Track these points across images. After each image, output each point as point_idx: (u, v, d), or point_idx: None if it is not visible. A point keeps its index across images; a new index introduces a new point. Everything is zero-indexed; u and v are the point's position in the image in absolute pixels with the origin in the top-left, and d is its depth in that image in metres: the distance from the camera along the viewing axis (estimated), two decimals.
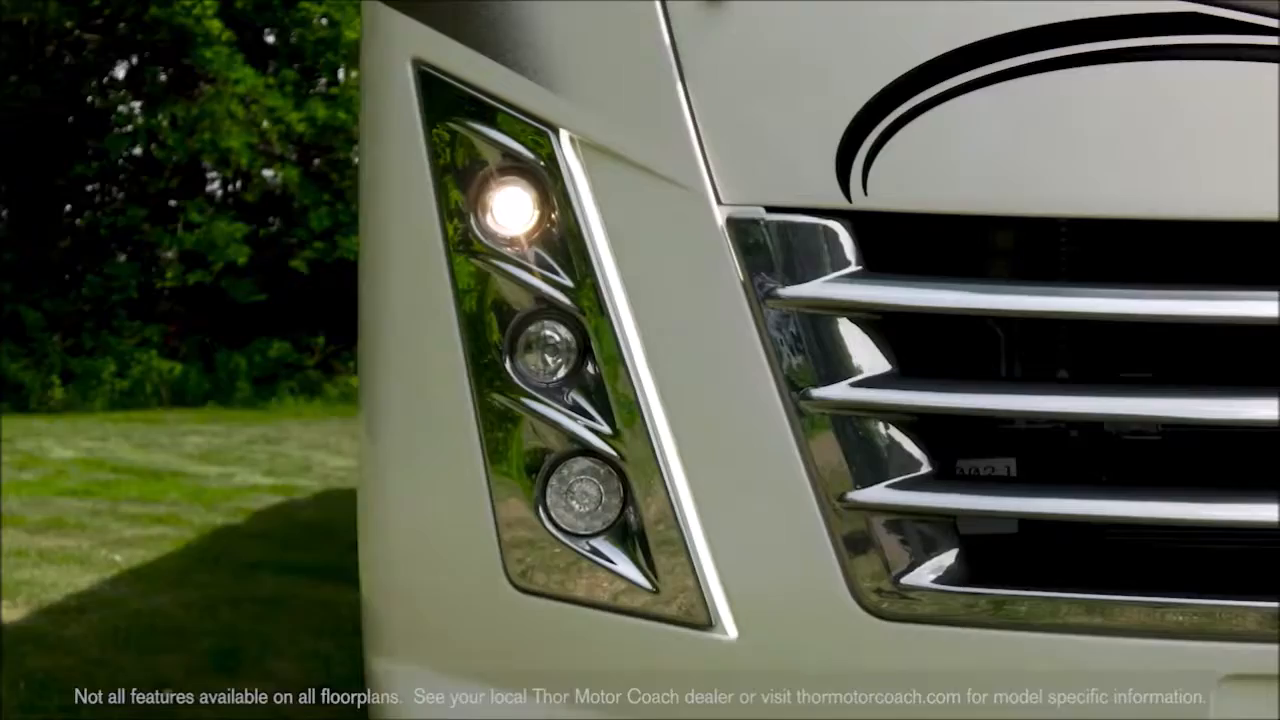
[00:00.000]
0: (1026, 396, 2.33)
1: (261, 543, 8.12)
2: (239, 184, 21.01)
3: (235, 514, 9.28)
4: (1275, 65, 2.15)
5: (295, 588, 6.75)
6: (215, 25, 18.75)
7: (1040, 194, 2.22)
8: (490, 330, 2.38)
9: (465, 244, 2.38)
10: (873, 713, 2.29)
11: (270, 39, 20.81)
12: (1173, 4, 2.15)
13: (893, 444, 2.27)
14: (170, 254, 20.12)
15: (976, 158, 2.22)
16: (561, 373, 2.37)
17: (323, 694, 3.27)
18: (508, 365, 2.37)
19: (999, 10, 2.20)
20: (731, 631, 2.31)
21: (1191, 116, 2.19)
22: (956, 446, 2.53)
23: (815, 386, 2.26)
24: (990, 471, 2.56)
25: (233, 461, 12.35)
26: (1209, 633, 2.21)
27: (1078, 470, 2.54)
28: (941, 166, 2.23)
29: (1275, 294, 2.29)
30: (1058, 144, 2.20)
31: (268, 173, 20.16)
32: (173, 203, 20.36)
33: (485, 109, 2.38)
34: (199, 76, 19.34)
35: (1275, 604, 2.21)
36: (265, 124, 19.36)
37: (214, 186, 21.53)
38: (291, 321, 19.76)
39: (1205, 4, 2.15)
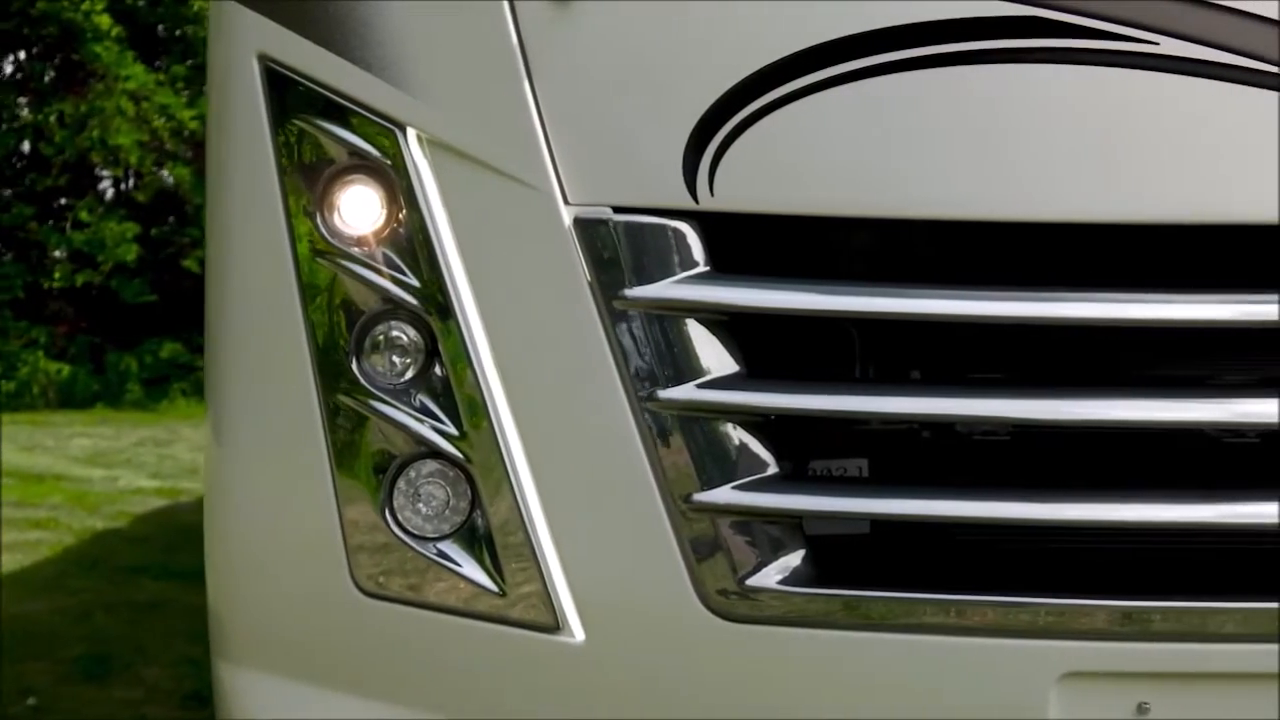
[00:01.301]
0: (872, 397, 2.34)
1: (142, 547, 7.97)
2: (130, 182, 20.65)
3: (117, 518, 9.10)
4: (1114, 69, 2.18)
5: (174, 592, 6.63)
6: (105, 21, 18.41)
7: (886, 195, 2.23)
8: (337, 331, 2.34)
9: (311, 243, 2.34)
10: (721, 714, 2.28)
11: (161, 34, 20.48)
12: (1016, 7, 2.17)
13: (739, 445, 2.27)
14: (59, 253, 19.72)
15: (822, 159, 2.22)
16: (409, 374, 2.34)
17: (188, 702, 3.22)
18: (354, 366, 2.34)
19: (844, 12, 2.20)
20: (579, 634, 2.30)
21: (1036, 118, 2.21)
22: (811, 447, 2.55)
23: (662, 388, 2.25)
24: (842, 472, 2.58)
25: (119, 464, 12.12)
26: (1047, 631, 2.23)
27: (929, 471, 2.56)
28: (787, 168, 2.23)
29: (1121, 295, 2.33)
30: (903, 146, 2.21)
31: (160, 171, 19.83)
32: (61, 201, 19.96)
33: (332, 106, 2.34)
34: (88, 73, 18.98)
35: (1112, 602, 2.24)
36: (156, 121, 19.03)
37: (105, 185, 21.14)
38: (184, 322, 19.43)
39: (1047, 9, 2.17)
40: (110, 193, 20.97)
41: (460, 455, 2.31)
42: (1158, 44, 2.16)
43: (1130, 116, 2.19)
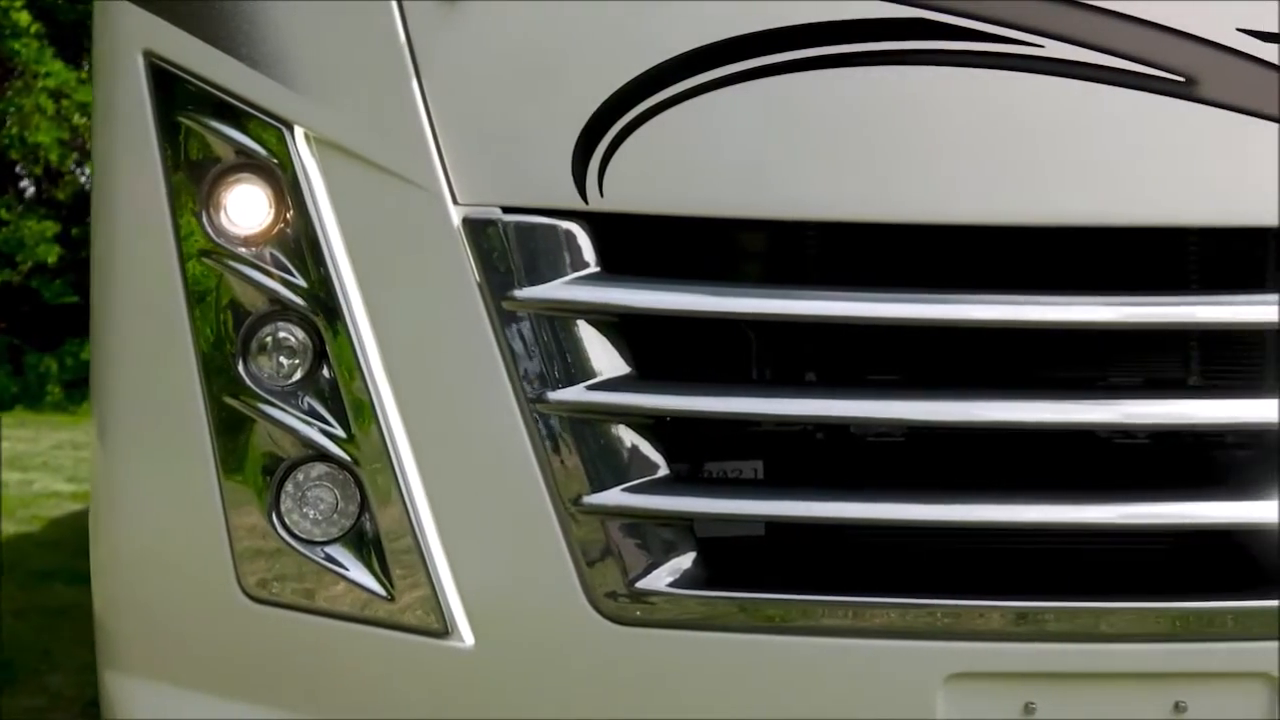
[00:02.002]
0: (761, 399, 2.34)
1: (54, 552, 7.83)
2: (50, 181, 20.33)
3: (31, 522, 8.94)
4: (999, 71, 2.19)
5: (85, 598, 6.40)
6: (24, 18, 18.10)
7: (774, 197, 2.23)
8: (222, 332, 2.30)
9: (197, 243, 2.31)
10: (611, 717, 2.27)
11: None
12: (902, 9, 2.17)
13: (629, 447, 2.26)
14: None
15: (711, 160, 2.22)
16: (297, 376, 2.31)
17: (90, 709, 3.16)
18: (240, 368, 2.30)
19: (732, 13, 2.19)
20: (468, 639, 2.27)
21: (923, 120, 2.21)
22: (707, 449, 2.54)
23: (551, 389, 2.23)
24: (738, 474, 2.57)
25: (35, 468, 11.92)
26: (934, 633, 2.24)
27: (825, 473, 2.57)
28: (676, 168, 2.22)
29: (1010, 297, 2.34)
30: (790, 147, 2.21)
31: (80, 170, 19.54)
32: None
33: (219, 104, 2.31)
34: (7, 69, 18.67)
35: (998, 603, 2.24)
36: (77, 119, 18.76)
37: (25, 184, 20.80)
38: None
39: (933, 11, 2.17)
40: (30, 191, 20.65)
41: (348, 458, 2.28)
42: (1042, 46, 2.17)
43: (1014, 118, 2.20)
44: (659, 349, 2.42)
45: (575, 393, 2.23)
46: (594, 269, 2.26)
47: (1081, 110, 2.19)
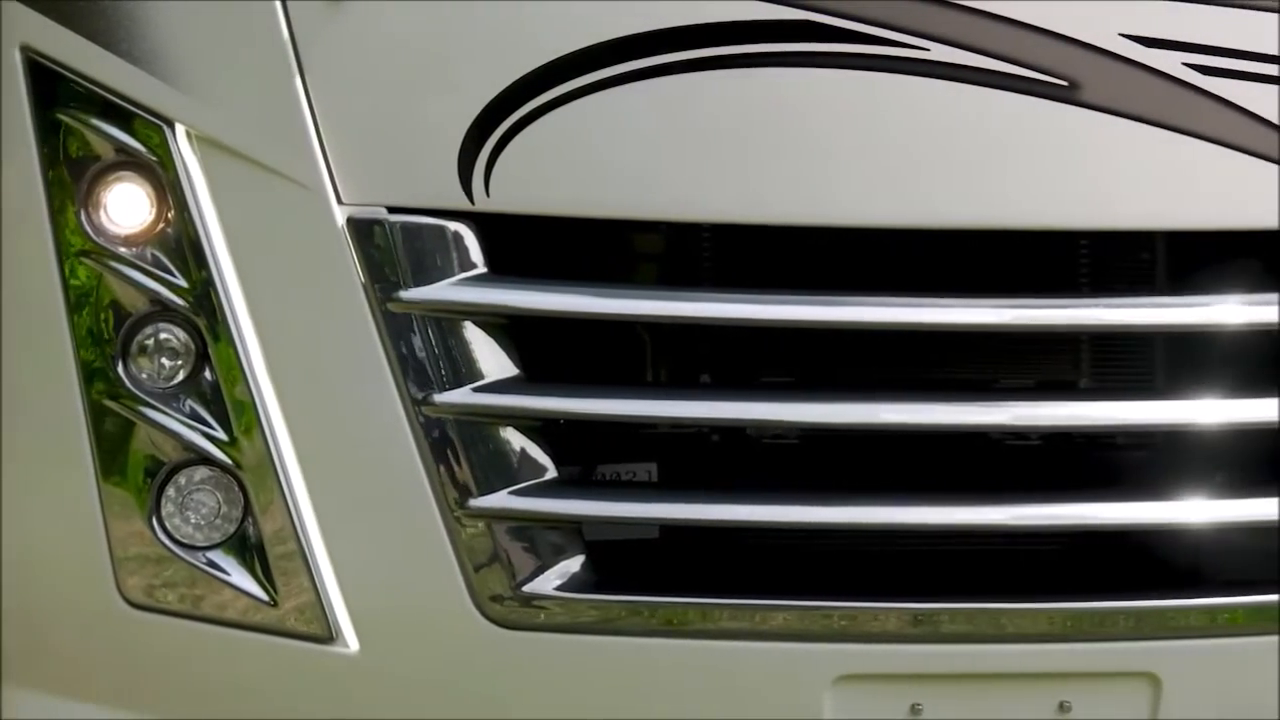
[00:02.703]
0: (648, 401, 2.32)
1: None
2: None
3: None
4: (889, 75, 2.19)
5: None
6: None
7: (661, 198, 2.21)
8: (102, 333, 2.26)
9: (76, 242, 2.26)
10: None
11: None
12: (789, 11, 2.17)
13: (516, 450, 2.24)
14: None
15: (597, 160, 2.20)
16: (179, 378, 2.27)
17: None
18: (120, 370, 2.26)
19: (619, 13, 2.18)
20: (353, 644, 2.25)
21: (809, 122, 2.21)
22: (601, 452, 2.53)
23: (437, 391, 2.21)
24: (631, 477, 2.56)
25: None
26: (821, 635, 2.24)
27: (719, 475, 2.56)
28: (563, 169, 2.20)
29: (907, 300, 2.34)
30: (677, 148, 2.20)
31: None
32: None
33: (98, 101, 2.27)
34: None
35: (885, 605, 2.25)
36: None
37: None
38: None
39: (820, 13, 2.17)
40: None
41: (231, 462, 2.25)
42: (928, 50, 2.17)
43: (901, 121, 2.20)
44: (553, 351, 2.42)
45: (461, 395, 2.21)
46: (481, 270, 2.24)
47: (967, 113, 2.19)
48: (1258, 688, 2.31)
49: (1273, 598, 2.28)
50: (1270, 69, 2.21)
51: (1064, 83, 2.18)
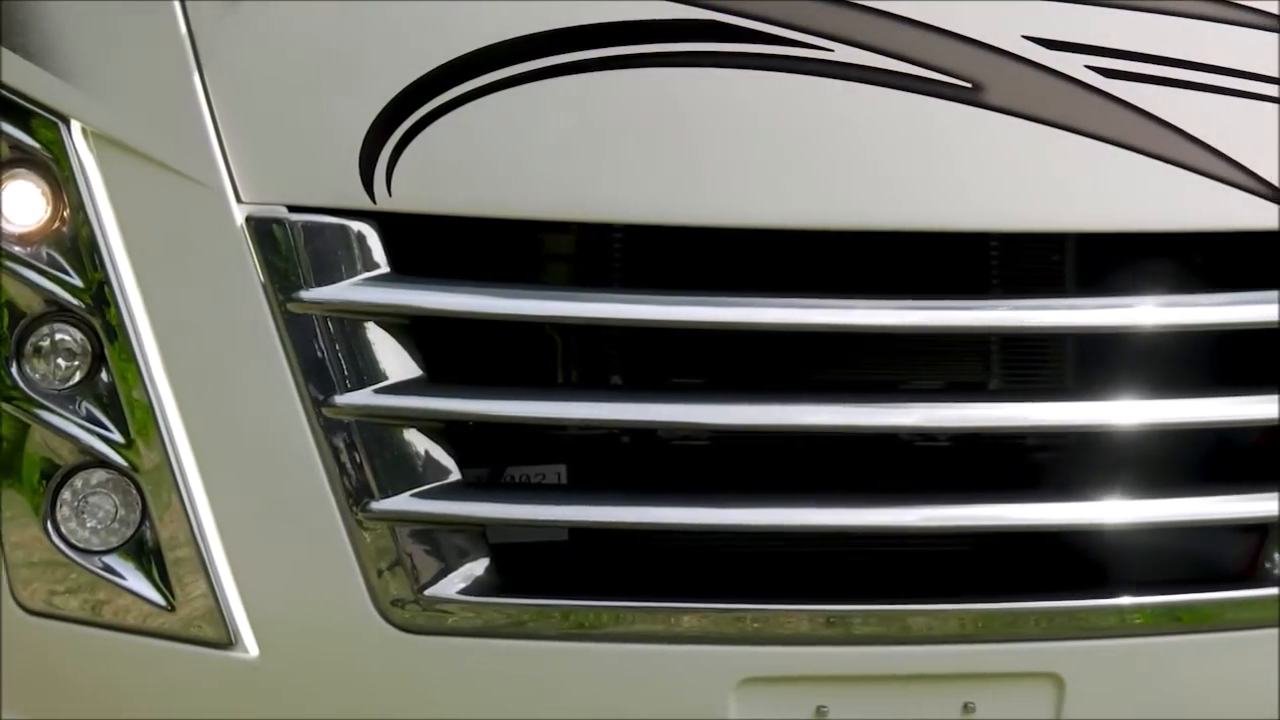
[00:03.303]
0: (556, 403, 2.30)
1: None
2: None
3: None
4: (794, 75, 2.18)
5: None
6: None
7: (563, 198, 2.19)
8: None
9: None
10: None
11: None
12: (695, 11, 2.16)
13: (419, 452, 2.21)
14: None
15: (498, 160, 2.18)
16: (75, 379, 2.23)
17: None
18: (14, 371, 2.22)
19: (524, 11, 2.16)
20: (252, 650, 2.22)
21: (715, 122, 2.19)
22: (509, 454, 2.51)
23: (339, 393, 2.18)
24: (540, 478, 2.55)
25: None
26: (726, 637, 2.23)
27: (629, 477, 2.55)
28: (465, 168, 2.18)
29: (815, 301, 2.34)
30: (579, 148, 2.18)
31: None
32: None
33: None
34: None
35: (788, 607, 2.24)
36: None
37: None
38: None
39: (726, 14, 2.16)
40: None
41: (127, 464, 2.21)
42: (832, 51, 2.17)
43: (807, 122, 2.19)
44: (463, 352, 2.40)
45: (363, 396, 2.18)
46: (384, 270, 2.22)
47: (872, 114, 2.19)
48: (1161, 687, 2.33)
49: (1175, 597, 2.30)
50: (1171, 72, 2.23)
51: (967, 84, 2.18)
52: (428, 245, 2.28)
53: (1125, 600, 2.29)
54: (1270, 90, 2.26)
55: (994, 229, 2.34)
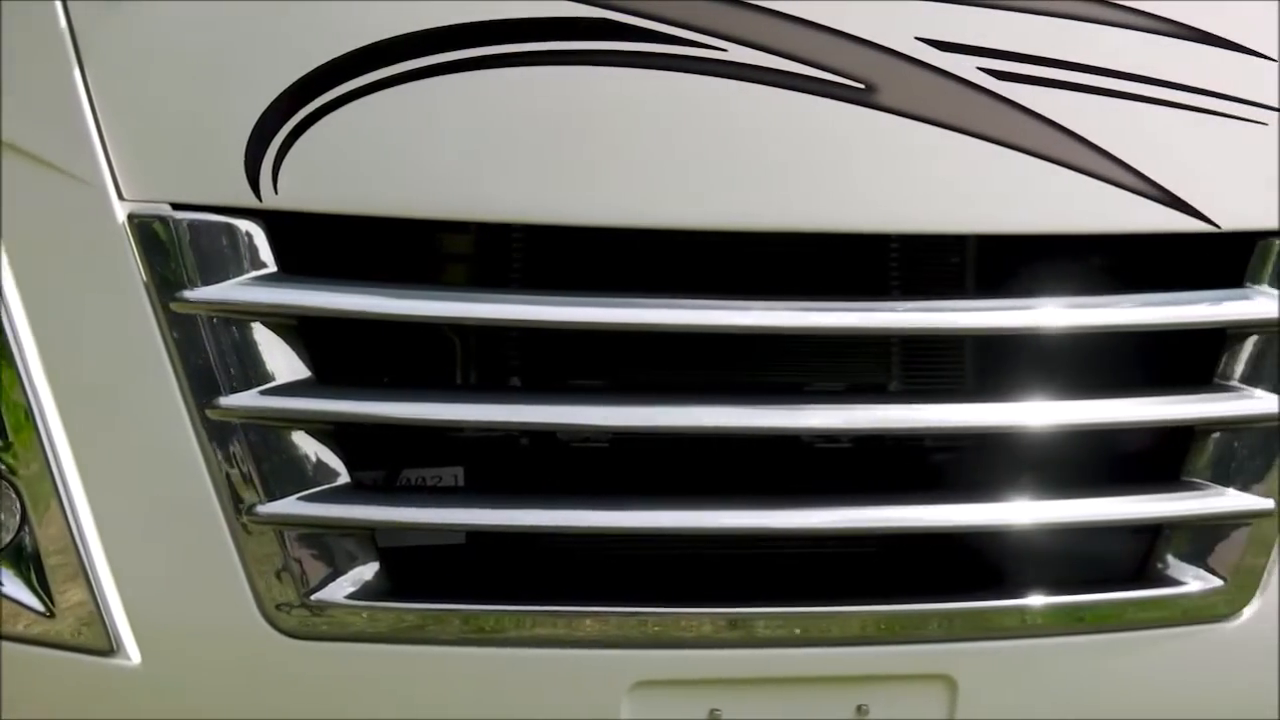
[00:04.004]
0: (449, 404, 2.26)
1: None
2: None
3: None
4: (688, 75, 2.16)
5: None
6: None
7: (455, 197, 2.16)
8: None
9: None
10: None
11: None
12: (588, 9, 2.14)
13: (306, 455, 2.17)
14: None
15: (387, 158, 2.14)
16: None
17: None
18: None
19: (415, 8, 2.12)
20: (135, 657, 2.17)
21: (605, 122, 2.17)
22: (406, 456, 2.48)
23: (223, 395, 2.14)
24: (437, 481, 2.52)
25: None
26: (618, 641, 2.21)
27: (528, 479, 2.53)
28: (353, 166, 2.14)
29: (717, 302, 2.32)
30: (470, 147, 2.15)
31: None
32: None
33: None
34: None
35: (683, 610, 2.23)
36: None
37: None
38: None
39: (619, 12, 2.14)
40: None
41: (5, 468, 2.15)
42: (726, 50, 2.16)
43: (702, 122, 2.18)
44: (362, 354, 2.36)
45: (248, 398, 2.14)
46: (271, 269, 2.18)
47: (766, 115, 2.17)
48: (1052, 688, 2.34)
49: (1063, 599, 2.30)
50: (1063, 74, 2.23)
51: (860, 85, 2.18)
52: (320, 245, 2.24)
53: (1014, 602, 2.29)
54: (1161, 93, 2.28)
55: (886, 230, 2.34)
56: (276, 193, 2.13)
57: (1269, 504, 2.36)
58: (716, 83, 2.17)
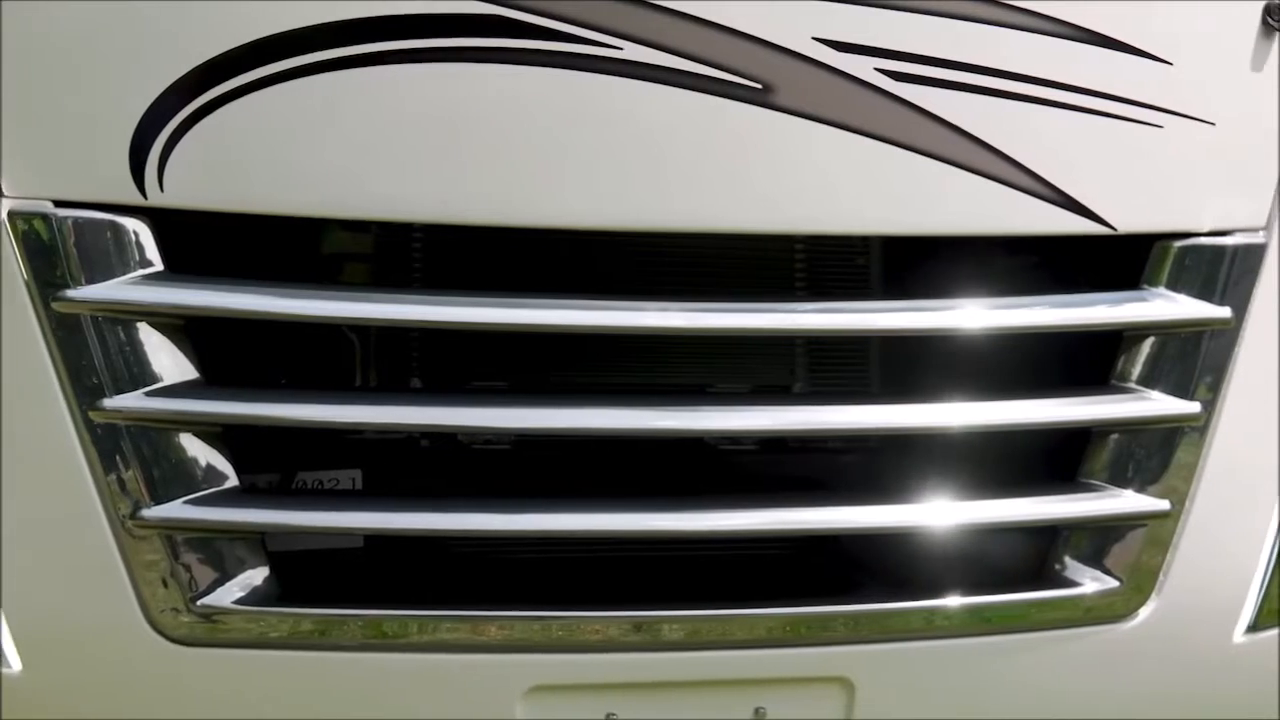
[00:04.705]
0: (340, 406, 2.22)
1: None
2: None
3: None
4: (583, 73, 2.14)
5: None
6: None
7: (345, 196, 2.12)
8: None
9: None
10: None
11: None
12: (479, 5, 2.11)
13: (194, 457, 2.13)
14: None
15: (276, 155, 2.09)
16: None
17: None
18: None
19: (304, 4, 2.08)
20: (15, 664, 2.12)
21: (499, 120, 2.13)
22: (303, 458, 2.45)
23: (107, 396, 2.09)
24: (334, 484, 2.48)
25: None
26: (513, 646, 2.18)
27: (428, 482, 2.50)
28: (239, 164, 2.09)
29: (620, 302, 2.30)
30: (361, 145, 2.10)
31: None
32: None
33: None
34: None
35: (577, 614, 2.21)
36: None
37: None
38: None
39: (511, 8, 2.11)
40: None
41: None
42: (621, 49, 2.13)
43: (597, 121, 2.15)
44: (263, 355, 2.32)
45: (133, 399, 2.09)
46: (157, 268, 2.13)
47: (663, 114, 2.15)
48: (953, 689, 2.34)
49: (958, 600, 2.30)
50: (961, 76, 2.23)
51: (758, 85, 2.16)
52: (210, 244, 2.20)
53: (910, 604, 2.29)
54: (1057, 96, 2.28)
55: (782, 231, 2.33)
56: (162, 190, 2.09)
57: (1164, 505, 2.38)
58: (612, 81, 2.14)
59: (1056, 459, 2.45)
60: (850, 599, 2.30)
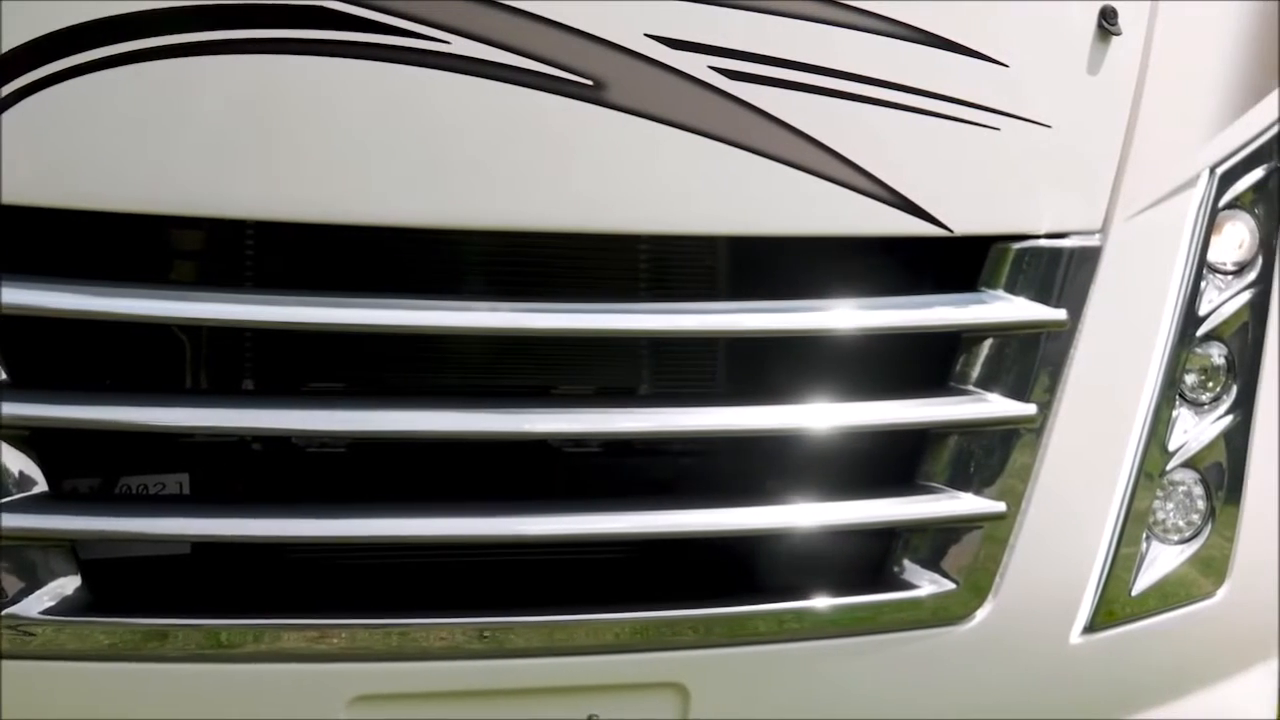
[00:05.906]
0: (159, 409, 2.15)
1: None
2: None
3: None
4: (408, 68, 2.09)
5: None
6: None
7: (156, 191, 2.05)
8: None
9: None
10: None
11: None
12: None
13: (1, 462, 2.05)
14: None
15: (85, 148, 2.02)
16: None
17: None
18: None
19: None
20: None
21: (318, 115, 2.08)
22: (128, 463, 2.37)
23: None
24: (160, 489, 2.41)
25: None
26: (336, 655, 2.13)
27: (259, 486, 2.43)
28: (45, 158, 2.01)
29: (456, 303, 2.26)
30: (179, 138, 2.04)
31: None
32: None
33: None
34: None
35: (399, 621, 2.16)
36: None
37: None
38: None
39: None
40: None
41: None
42: (449, 43, 2.09)
43: (423, 117, 2.10)
44: (86, 357, 2.24)
45: None
46: None
47: (492, 110, 2.11)
48: (788, 692, 2.32)
49: (792, 604, 2.29)
50: (796, 75, 2.21)
51: (589, 82, 2.12)
52: (28, 240, 2.12)
53: (743, 609, 2.27)
54: (894, 97, 2.27)
55: (616, 230, 2.28)
56: None
57: (1000, 507, 2.38)
58: (440, 76, 2.10)
59: (896, 461, 2.44)
60: (684, 604, 2.27)
